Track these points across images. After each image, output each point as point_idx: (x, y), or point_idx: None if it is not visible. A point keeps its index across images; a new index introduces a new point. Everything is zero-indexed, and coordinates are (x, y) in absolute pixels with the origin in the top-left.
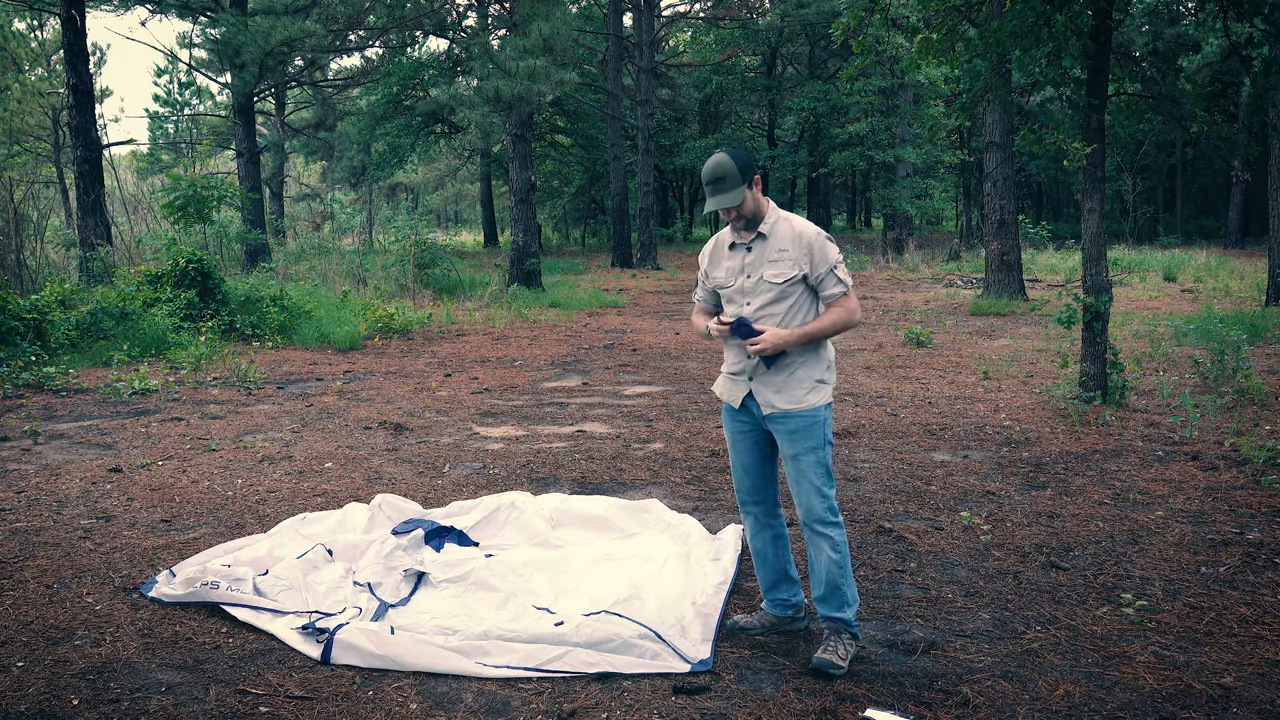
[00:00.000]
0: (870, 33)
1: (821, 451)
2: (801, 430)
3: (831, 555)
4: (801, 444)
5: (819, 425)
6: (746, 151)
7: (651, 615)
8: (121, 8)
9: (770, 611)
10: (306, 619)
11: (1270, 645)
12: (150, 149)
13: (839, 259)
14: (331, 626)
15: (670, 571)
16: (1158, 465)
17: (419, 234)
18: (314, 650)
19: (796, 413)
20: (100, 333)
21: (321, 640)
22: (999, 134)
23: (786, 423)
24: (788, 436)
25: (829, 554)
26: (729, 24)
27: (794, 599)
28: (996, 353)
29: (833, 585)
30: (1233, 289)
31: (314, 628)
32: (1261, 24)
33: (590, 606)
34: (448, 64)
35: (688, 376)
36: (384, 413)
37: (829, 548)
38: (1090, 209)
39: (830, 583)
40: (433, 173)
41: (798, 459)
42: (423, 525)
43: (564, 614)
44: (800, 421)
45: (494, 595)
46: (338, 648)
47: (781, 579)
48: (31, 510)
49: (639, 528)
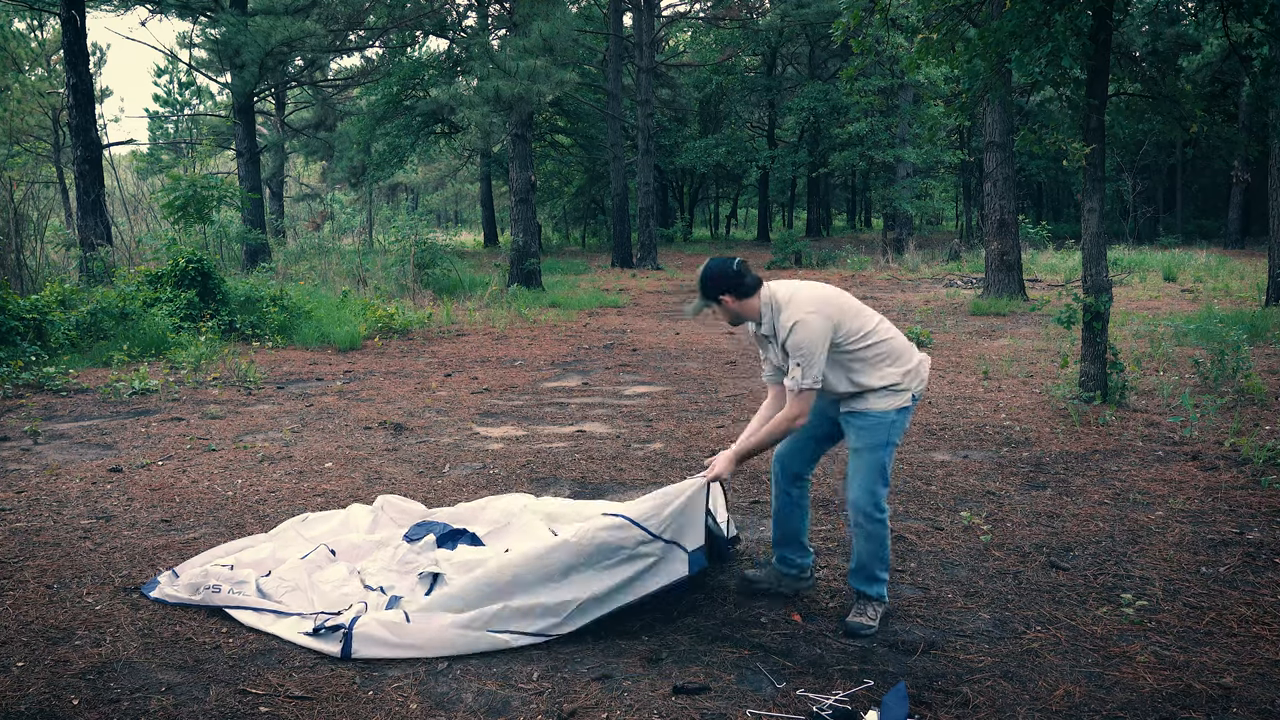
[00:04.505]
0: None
1: (883, 451)
2: (867, 428)
3: (867, 545)
4: (864, 439)
5: (884, 428)
6: (728, 263)
7: (645, 510)
8: (121, 8)
9: (776, 568)
10: (313, 621)
11: (1270, 645)
12: (150, 149)
13: (803, 361)
14: (346, 623)
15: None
16: (1158, 465)
17: (419, 234)
18: (332, 647)
19: (864, 412)
20: (100, 333)
21: (339, 637)
22: (999, 134)
23: (855, 420)
24: (854, 432)
25: (864, 542)
26: (729, 24)
27: (799, 561)
28: (996, 353)
29: (864, 565)
30: (1233, 289)
31: (325, 628)
32: (1261, 24)
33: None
34: (448, 64)
35: (688, 376)
36: (384, 413)
37: (864, 537)
38: (1090, 209)
39: (862, 563)
40: (433, 173)
41: (859, 454)
42: (434, 529)
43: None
44: (867, 421)
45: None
46: (357, 641)
47: (791, 541)
48: (31, 510)
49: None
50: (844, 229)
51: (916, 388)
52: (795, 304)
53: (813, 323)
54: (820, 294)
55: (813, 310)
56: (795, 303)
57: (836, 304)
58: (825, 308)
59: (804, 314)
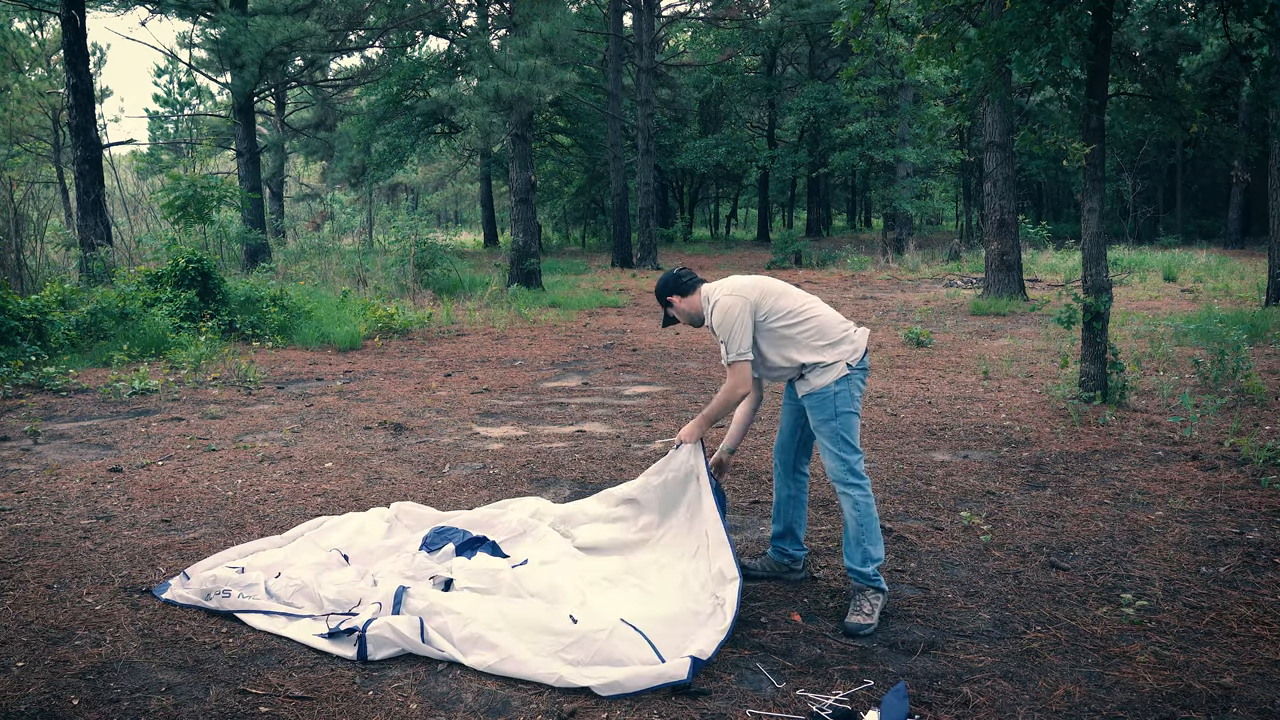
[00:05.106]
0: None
1: (835, 422)
2: (816, 406)
3: (852, 511)
4: (817, 416)
5: (829, 400)
6: (670, 271)
7: (658, 631)
8: (121, 8)
9: (771, 557)
10: (325, 622)
11: (1270, 645)
12: (150, 149)
13: (726, 337)
14: (359, 625)
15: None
16: (1158, 465)
17: (419, 234)
18: (347, 650)
19: (809, 393)
20: (100, 333)
21: (354, 640)
22: (999, 134)
23: (806, 401)
24: (809, 412)
25: (850, 510)
26: (729, 24)
27: (793, 552)
28: (996, 353)
29: (855, 540)
30: (1233, 289)
31: (340, 630)
32: (1261, 24)
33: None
34: (448, 64)
35: (688, 376)
36: (384, 413)
37: (849, 505)
38: (1090, 209)
39: (854, 538)
40: (433, 173)
41: (819, 430)
42: (454, 538)
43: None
44: (814, 399)
45: (520, 602)
46: (372, 644)
47: (787, 533)
48: (31, 510)
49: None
50: (844, 229)
51: (851, 358)
52: (718, 292)
53: (726, 303)
54: (741, 281)
55: (729, 294)
56: (718, 291)
57: (758, 288)
58: (742, 291)
59: (720, 297)
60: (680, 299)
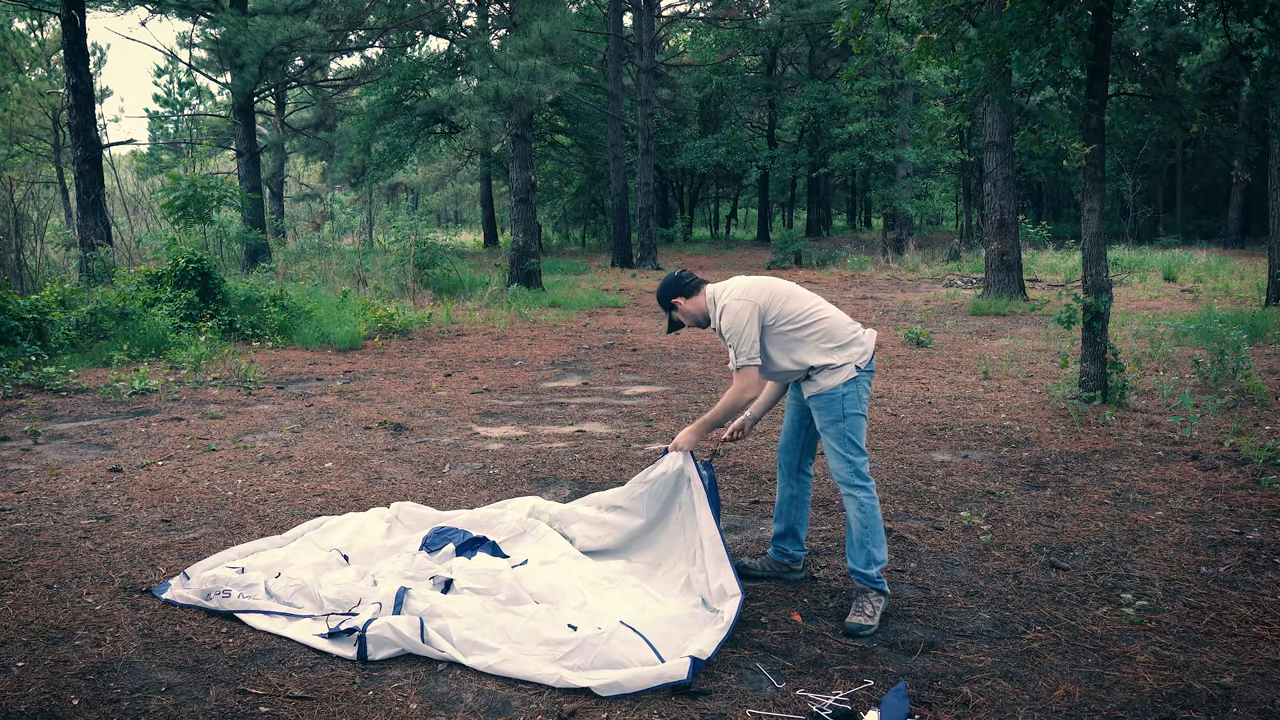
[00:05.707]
0: (870, 33)
1: (842, 424)
2: (823, 407)
3: (857, 513)
4: (824, 418)
5: (837, 402)
6: (671, 274)
7: (658, 633)
8: (121, 8)
9: (771, 557)
10: (325, 622)
11: (1270, 645)
12: (150, 149)
13: (735, 342)
14: (359, 625)
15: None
16: (1158, 465)
17: (419, 234)
18: (348, 650)
19: (816, 394)
20: (100, 333)
21: (354, 640)
22: (999, 134)
23: (813, 402)
24: (816, 413)
25: (855, 512)
26: (729, 24)
27: (794, 552)
28: (996, 353)
29: (859, 542)
30: (1232, 289)
31: (340, 630)
32: (1261, 24)
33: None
34: (448, 64)
35: (688, 376)
36: (384, 413)
37: (854, 507)
38: (1090, 209)
39: (857, 540)
40: (433, 173)
41: (824, 431)
42: (454, 538)
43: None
44: (820, 401)
45: (521, 607)
46: (372, 644)
47: (788, 533)
48: (31, 510)
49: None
50: (844, 229)
51: (859, 360)
52: (725, 295)
53: (735, 307)
54: (748, 283)
55: (737, 297)
56: (725, 294)
57: (766, 290)
58: (750, 294)
59: (728, 300)
60: (685, 300)
